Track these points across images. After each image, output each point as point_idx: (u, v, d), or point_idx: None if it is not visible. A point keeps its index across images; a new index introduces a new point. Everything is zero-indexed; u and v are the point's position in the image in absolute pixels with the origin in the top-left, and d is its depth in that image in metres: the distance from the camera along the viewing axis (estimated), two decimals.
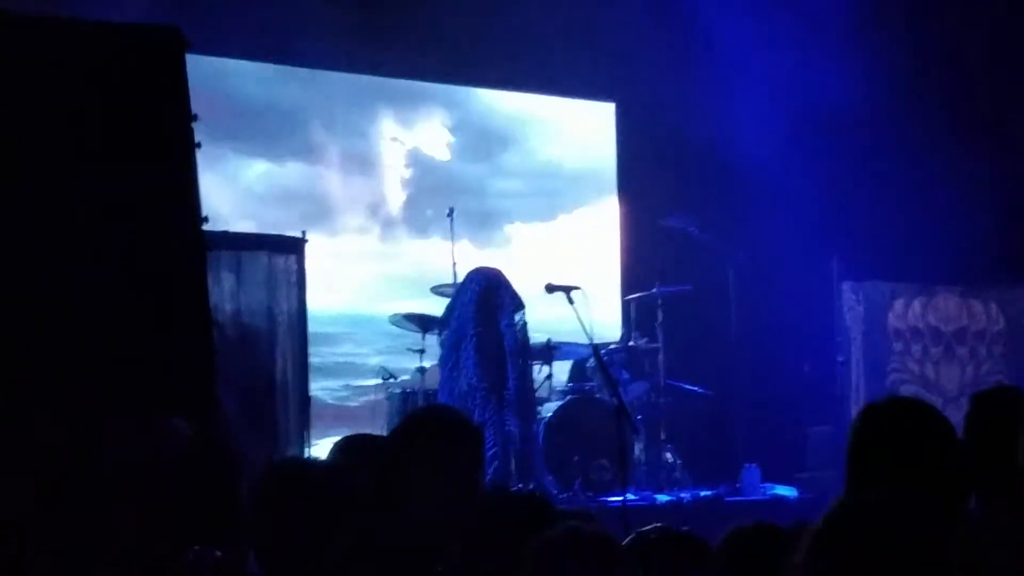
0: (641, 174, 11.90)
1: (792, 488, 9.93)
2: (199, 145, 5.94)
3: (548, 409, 9.63)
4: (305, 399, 9.04)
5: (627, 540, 3.82)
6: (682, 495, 9.45)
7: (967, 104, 11.20)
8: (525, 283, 9.53)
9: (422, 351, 9.84)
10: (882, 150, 11.14)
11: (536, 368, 9.92)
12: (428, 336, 9.88)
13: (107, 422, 5.23)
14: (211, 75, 9.65)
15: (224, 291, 8.73)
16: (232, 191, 10.71)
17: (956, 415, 3.71)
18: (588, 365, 10.02)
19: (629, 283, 11.59)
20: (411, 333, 10.08)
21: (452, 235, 10.15)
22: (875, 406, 3.46)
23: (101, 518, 4.61)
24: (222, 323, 8.34)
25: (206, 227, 6.02)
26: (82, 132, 5.40)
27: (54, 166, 5.34)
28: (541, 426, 9.44)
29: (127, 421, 5.31)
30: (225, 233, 8.72)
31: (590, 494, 9.04)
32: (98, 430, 5.19)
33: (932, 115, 11.11)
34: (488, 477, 8.53)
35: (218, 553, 4.10)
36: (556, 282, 8.90)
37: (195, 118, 5.94)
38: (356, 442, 4.61)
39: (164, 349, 5.57)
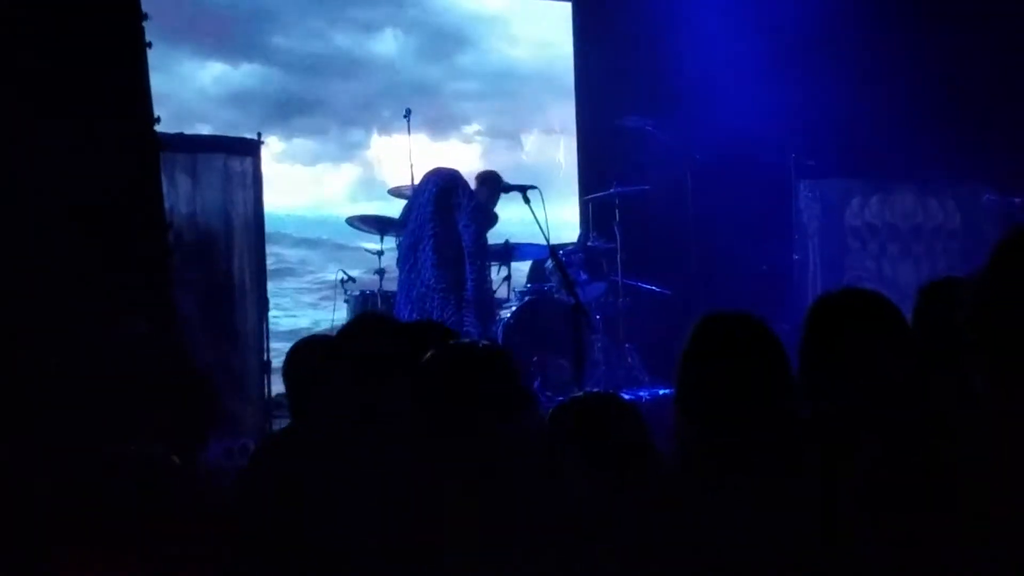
0: (598, 74, 11.82)
1: None
2: (150, 45, 5.86)
3: (507, 310, 9.65)
4: (263, 302, 9.02)
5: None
6: (641, 393, 9.50)
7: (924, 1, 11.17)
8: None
9: (380, 253, 9.82)
10: (838, 48, 11.09)
11: (494, 269, 9.92)
12: (386, 238, 9.87)
13: (67, 327, 5.22)
14: None
15: (180, 194, 8.69)
16: (187, 93, 10.62)
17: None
18: (546, 266, 10.02)
19: (587, 184, 11.57)
20: (369, 235, 10.06)
21: (409, 137, 10.08)
22: (829, 296, 3.52)
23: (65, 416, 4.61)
24: (178, 226, 8.29)
25: (160, 128, 5.97)
26: (27, 32, 5.32)
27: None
28: (500, 327, 9.45)
29: (89, 324, 5.30)
30: (180, 135, 8.64)
31: (549, 394, 9.07)
32: (57, 334, 5.17)
33: (889, 12, 11.07)
34: None
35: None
36: (512, 182, 8.89)
37: (146, 17, 5.86)
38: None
39: (118, 251, 5.54)
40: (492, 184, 9.56)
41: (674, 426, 3.36)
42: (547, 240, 8.09)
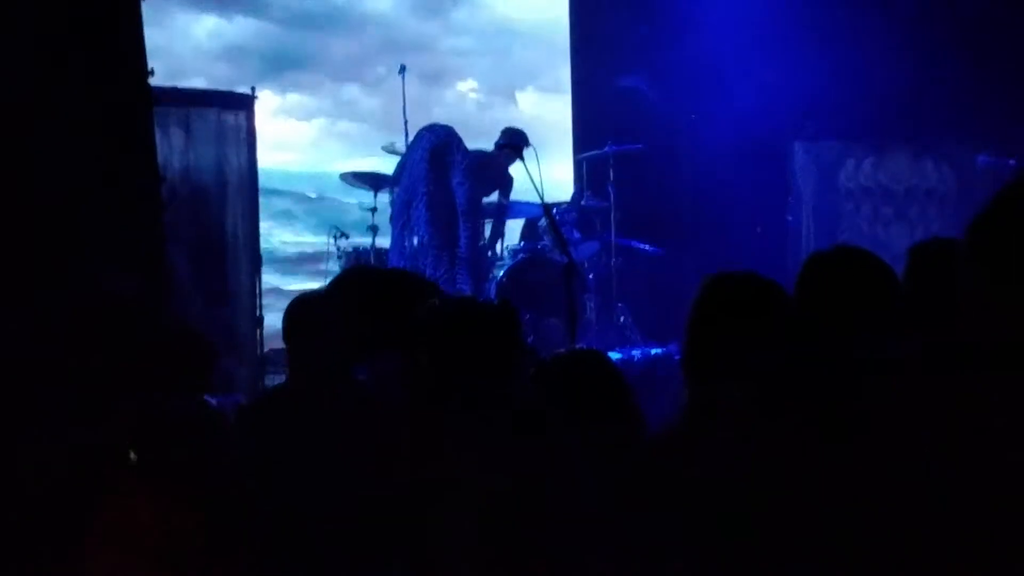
0: (594, 32, 11.75)
1: None
2: None
3: (500, 268, 9.64)
4: (256, 257, 9.01)
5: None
6: (633, 352, 9.51)
7: None
8: (475, 141, 9.49)
9: (373, 209, 9.81)
10: (835, 9, 11.04)
11: (488, 226, 9.92)
12: (379, 194, 9.85)
13: (60, 281, 5.21)
14: None
15: (173, 148, 8.67)
16: (181, 47, 10.58)
17: None
18: (540, 224, 10.01)
19: (581, 142, 11.53)
20: (362, 191, 10.05)
21: (404, 93, 10.05)
22: (821, 253, 3.53)
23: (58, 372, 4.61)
24: (171, 180, 8.27)
25: (153, 82, 5.94)
26: None
27: None
28: (492, 285, 9.45)
29: (82, 279, 5.30)
30: (174, 89, 8.64)
31: (542, 353, 9.05)
32: (50, 288, 5.17)
33: None
34: None
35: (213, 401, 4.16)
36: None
37: None
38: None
39: (111, 205, 5.52)
40: (515, 150, 9.58)
41: (683, 387, 3.34)
42: (541, 198, 8.07)
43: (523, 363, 3.71)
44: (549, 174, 8.41)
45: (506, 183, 10.03)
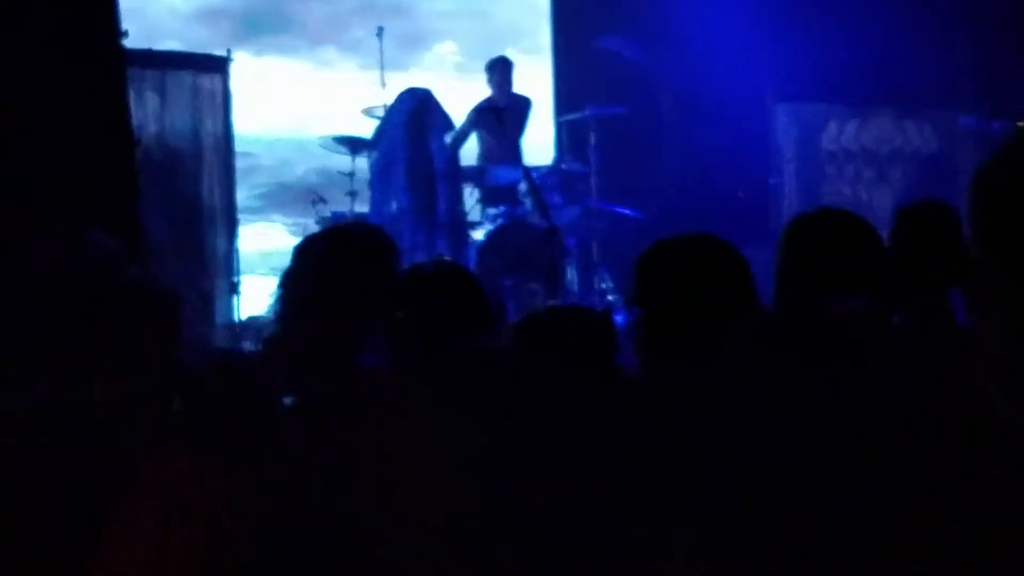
0: None
1: None
2: None
3: (480, 232, 9.58)
4: (232, 222, 8.96)
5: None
6: (615, 318, 9.43)
7: None
8: (456, 104, 9.43)
9: (352, 174, 9.72)
10: None
11: (467, 191, 9.84)
12: (358, 158, 9.77)
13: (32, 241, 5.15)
14: None
15: (148, 111, 8.61)
16: (155, 8, 10.46)
17: None
18: (520, 188, 9.94)
19: (562, 105, 11.45)
20: (341, 156, 9.96)
21: (382, 55, 9.95)
22: (805, 215, 3.56)
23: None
24: (146, 144, 8.20)
25: (127, 43, 5.88)
26: None
27: None
28: (472, 250, 9.39)
29: (55, 240, 5.23)
30: (148, 51, 8.57)
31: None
32: (22, 248, 5.10)
33: None
34: None
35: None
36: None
37: None
38: None
39: (83, 169, 5.46)
40: (503, 67, 9.54)
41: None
42: (521, 162, 8.02)
43: (482, 325, 3.68)
44: (529, 137, 8.36)
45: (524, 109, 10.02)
